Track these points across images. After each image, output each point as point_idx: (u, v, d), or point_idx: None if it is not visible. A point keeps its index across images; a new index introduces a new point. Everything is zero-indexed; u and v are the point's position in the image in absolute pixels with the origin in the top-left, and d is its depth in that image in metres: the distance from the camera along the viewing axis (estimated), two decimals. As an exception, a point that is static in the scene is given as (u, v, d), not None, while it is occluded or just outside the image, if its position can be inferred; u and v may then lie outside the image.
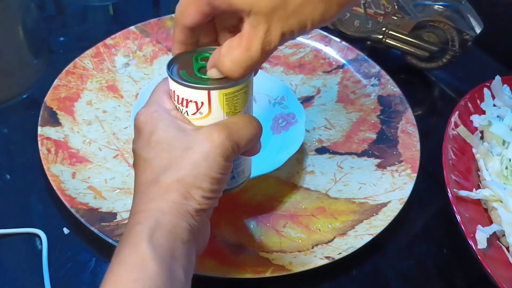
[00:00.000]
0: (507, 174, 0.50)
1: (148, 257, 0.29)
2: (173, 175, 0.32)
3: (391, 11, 0.63)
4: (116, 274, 0.29)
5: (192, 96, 0.34)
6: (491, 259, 0.43)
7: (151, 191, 0.32)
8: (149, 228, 0.30)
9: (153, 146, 0.33)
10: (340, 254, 0.44)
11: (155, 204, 0.31)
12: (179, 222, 0.31)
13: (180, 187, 0.32)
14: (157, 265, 0.29)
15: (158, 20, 0.66)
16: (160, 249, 0.30)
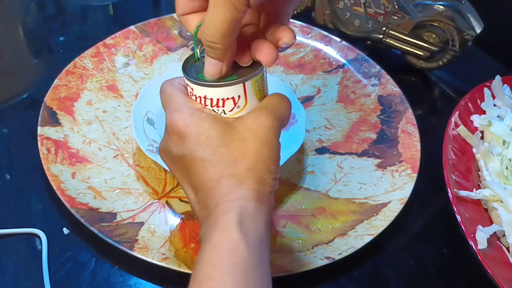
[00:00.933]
0: (507, 174, 0.50)
1: (241, 242, 0.31)
2: (243, 166, 0.34)
3: (391, 10, 0.63)
4: (213, 259, 0.31)
5: (228, 93, 0.35)
6: (491, 259, 0.43)
7: (226, 184, 0.34)
8: (237, 215, 0.32)
9: (207, 145, 0.34)
10: (340, 255, 0.44)
11: (236, 194, 0.33)
12: (261, 206, 0.34)
13: (253, 174, 0.34)
14: (249, 250, 0.31)
15: (158, 19, 0.66)
16: (250, 234, 0.32)
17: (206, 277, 0.30)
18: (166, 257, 0.43)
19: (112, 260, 0.45)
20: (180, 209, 0.48)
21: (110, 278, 0.44)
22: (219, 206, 0.33)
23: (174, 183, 0.50)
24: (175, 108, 0.36)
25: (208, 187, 0.34)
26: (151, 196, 0.49)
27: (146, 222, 0.46)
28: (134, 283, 0.44)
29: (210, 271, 0.30)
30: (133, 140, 0.53)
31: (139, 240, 0.44)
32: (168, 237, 0.45)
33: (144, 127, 0.52)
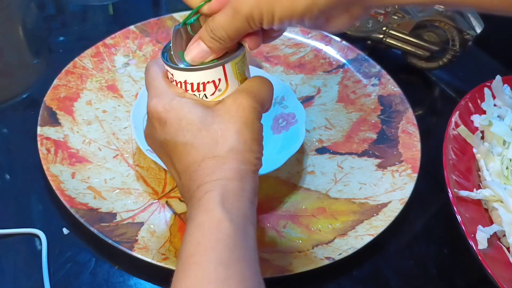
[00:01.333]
0: (507, 174, 0.50)
1: (224, 219, 0.31)
2: (224, 147, 0.34)
3: (392, 10, 0.63)
4: (197, 237, 0.31)
5: (208, 77, 0.35)
6: (491, 260, 0.43)
7: (207, 166, 0.34)
8: (219, 194, 0.32)
9: (188, 130, 0.34)
10: (340, 255, 0.44)
11: (218, 175, 0.33)
12: (244, 185, 0.34)
13: (235, 155, 0.34)
14: (233, 226, 0.31)
15: (158, 19, 0.66)
16: (233, 211, 0.32)
17: (189, 254, 0.30)
18: (166, 257, 0.43)
19: (112, 260, 0.45)
20: (180, 209, 0.48)
21: (110, 278, 0.44)
22: (201, 187, 0.33)
23: (174, 183, 0.50)
24: (156, 94, 0.36)
25: (190, 170, 0.34)
26: (151, 196, 0.49)
27: (146, 222, 0.46)
28: (134, 283, 0.44)
29: (194, 248, 0.31)
30: (133, 140, 0.53)
31: (139, 240, 0.44)
32: (168, 237, 0.45)
33: (144, 127, 0.52)
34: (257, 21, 0.33)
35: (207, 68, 0.35)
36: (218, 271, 0.29)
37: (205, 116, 0.35)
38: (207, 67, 0.35)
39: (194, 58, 0.36)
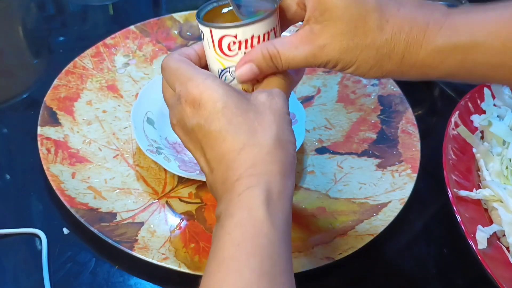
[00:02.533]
0: (507, 174, 0.50)
1: (267, 222, 0.29)
2: (265, 136, 0.32)
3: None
4: (237, 237, 0.29)
5: (271, 24, 0.35)
6: (491, 259, 0.43)
7: (248, 156, 0.31)
8: (264, 192, 0.30)
9: (223, 113, 0.32)
10: (340, 255, 0.44)
11: (261, 168, 0.31)
12: (287, 182, 0.32)
13: (278, 144, 0.32)
14: (276, 232, 0.29)
15: (158, 19, 0.66)
16: (276, 214, 0.30)
17: (229, 256, 0.28)
18: (166, 257, 0.43)
19: (112, 260, 0.45)
20: (180, 209, 0.48)
21: (110, 278, 0.44)
22: (242, 180, 0.31)
23: (174, 183, 0.50)
24: (188, 78, 0.34)
25: (227, 159, 0.32)
26: (151, 196, 0.49)
27: (146, 222, 0.46)
28: (134, 283, 0.44)
29: (234, 249, 0.28)
30: (133, 140, 0.53)
31: (139, 240, 0.44)
32: (168, 237, 0.45)
33: (144, 127, 0.52)
34: (322, 66, 0.35)
35: (271, 15, 0.35)
36: (261, 282, 0.27)
37: (240, 101, 0.33)
38: (271, 13, 0.35)
39: (242, 78, 0.36)
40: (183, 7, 0.71)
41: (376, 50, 0.33)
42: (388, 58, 0.33)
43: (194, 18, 0.67)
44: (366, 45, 0.33)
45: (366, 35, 0.33)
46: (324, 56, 0.34)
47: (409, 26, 0.32)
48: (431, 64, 0.33)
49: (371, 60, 0.34)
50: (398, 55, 0.33)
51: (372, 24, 0.32)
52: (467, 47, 0.31)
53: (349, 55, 0.34)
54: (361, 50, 0.33)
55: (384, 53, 0.33)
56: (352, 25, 0.33)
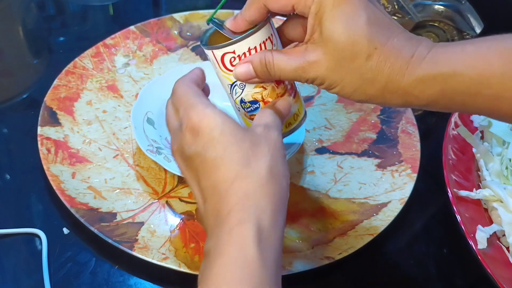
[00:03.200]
0: (507, 174, 0.50)
1: (257, 262, 0.29)
2: (257, 167, 0.32)
3: (391, 11, 0.63)
4: (226, 277, 0.29)
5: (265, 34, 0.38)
6: (491, 259, 0.43)
7: (240, 188, 0.32)
8: (254, 228, 0.30)
9: (219, 141, 0.33)
10: (340, 254, 0.44)
11: (252, 200, 0.31)
12: (278, 217, 0.32)
13: (270, 178, 0.32)
14: (267, 270, 0.29)
15: (158, 20, 0.66)
16: (267, 251, 0.30)
17: None
18: (166, 257, 0.43)
19: (112, 260, 0.45)
20: (180, 209, 0.48)
21: (110, 278, 0.44)
22: (233, 213, 0.31)
23: (174, 183, 0.50)
24: (191, 104, 0.35)
25: (220, 189, 0.32)
26: (151, 196, 0.49)
27: (146, 222, 0.46)
28: (134, 282, 0.44)
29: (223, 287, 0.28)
30: (133, 140, 0.53)
31: (139, 240, 0.44)
32: (168, 237, 0.45)
33: (144, 127, 0.52)
34: (310, 83, 0.37)
35: (263, 26, 0.37)
36: None
37: (237, 130, 0.34)
38: (261, 26, 0.37)
39: (238, 75, 0.38)
40: (183, 7, 0.71)
41: (360, 75, 0.34)
42: (371, 83, 0.35)
43: (194, 19, 0.67)
44: (352, 68, 0.34)
45: (353, 59, 0.34)
46: (312, 72, 0.36)
47: (395, 57, 0.34)
48: (413, 92, 0.34)
49: (355, 84, 0.35)
50: (381, 82, 0.34)
51: (360, 50, 0.34)
52: (446, 77, 0.33)
53: (335, 75, 0.35)
54: (347, 72, 0.35)
55: (367, 78, 0.34)
56: (342, 48, 0.34)
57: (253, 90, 0.39)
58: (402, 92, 0.34)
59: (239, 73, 0.38)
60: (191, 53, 0.64)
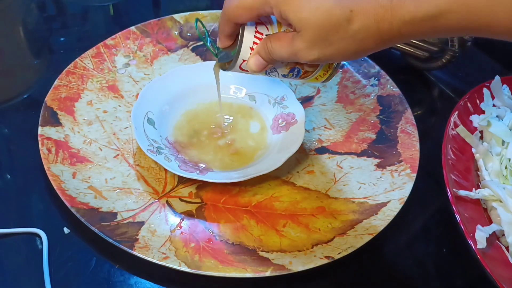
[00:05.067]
0: (506, 174, 0.50)
1: None
2: None
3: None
4: None
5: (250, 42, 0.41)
6: (490, 259, 0.43)
7: None
8: None
9: None
10: (340, 254, 0.44)
11: None
12: None
13: None
14: None
15: (158, 20, 0.66)
16: None
17: None
18: (166, 256, 0.43)
19: (113, 260, 0.45)
20: (180, 208, 0.48)
21: (111, 277, 0.44)
22: None
23: (174, 183, 0.50)
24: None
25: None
26: (151, 196, 0.49)
27: (147, 222, 0.46)
28: (135, 282, 0.44)
29: None
30: (133, 140, 0.54)
31: (139, 239, 0.44)
32: (168, 237, 0.45)
33: (144, 127, 0.52)
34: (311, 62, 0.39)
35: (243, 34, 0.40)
36: None
37: None
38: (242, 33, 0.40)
39: (253, 68, 0.41)
40: (183, 7, 0.71)
41: (352, 39, 0.35)
42: (367, 40, 0.35)
43: (194, 19, 0.67)
44: (340, 37, 0.35)
45: (337, 30, 0.35)
46: (306, 56, 0.37)
47: (374, 8, 0.34)
48: (407, 33, 0.35)
49: (351, 47, 0.36)
50: (375, 35, 0.35)
51: (338, 20, 0.35)
52: (432, 17, 0.34)
53: (328, 50, 0.36)
54: (338, 42, 0.36)
55: (360, 38, 0.35)
56: (320, 28, 0.35)
57: (282, 65, 0.41)
58: (398, 36, 0.35)
59: (253, 66, 0.40)
60: (191, 54, 0.64)
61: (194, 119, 0.56)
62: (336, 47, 0.36)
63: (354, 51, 0.36)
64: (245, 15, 0.39)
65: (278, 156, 0.50)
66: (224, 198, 0.49)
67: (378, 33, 0.35)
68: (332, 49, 0.36)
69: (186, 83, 0.57)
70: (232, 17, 0.39)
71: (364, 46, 0.36)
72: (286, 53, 0.38)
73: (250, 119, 0.57)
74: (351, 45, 0.36)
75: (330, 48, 0.36)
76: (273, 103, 0.57)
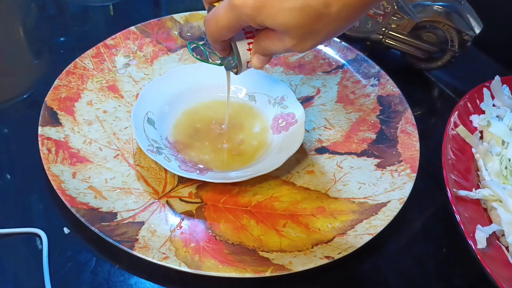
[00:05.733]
0: (506, 174, 0.50)
1: None
2: None
3: (391, 11, 0.64)
4: None
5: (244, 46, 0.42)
6: (490, 259, 0.43)
7: None
8: None
9: None
10: (340, 254, 0.44)
11: None
12: None
13: None
14: None
15: (158, 20, 0.66)
16: None
17: None
18: (167, 256, 0.43)
19: (113, 260, 0.45)
20: (180, 208, 0.48)
21: (111, 277, 0.44)
22: None
23: (174, 183, 0.50)
24: None
25: None
26: (151, 196, 0.49)
27: (147, 222, 0.46)
28: (135, 282, 0.44)
29: None
30: (133, 140, 0.54)
31: (139, 239, 0.44)
32: (168, 237, 0.45)
33: (144, 127, 0.52)
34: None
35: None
36: None
37: None
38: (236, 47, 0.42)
39: (256, 65, 0.42)
40: (183, 8, 0.71)
41: (336, 19, 0.35)
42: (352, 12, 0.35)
43: (194, 19, 0.67)
44: (326, 22, 0.35)
45: (319, 19, 0.35)
46: (299, 49, 0.38)
47: None
48: None
49: (340, 24, 0.36)
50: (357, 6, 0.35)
51: (315, 10, 0.35)
52: None
53: (318, 37, 0.37)
54: (326, 27, 0.36)
55: (345, 16, 0.35)
56: (302, 25, 0.35)
57: None
58: None
59: (258, 65, 0.42)
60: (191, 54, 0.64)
61: (195, 118, 0.56)
62: (325, 32, 0.36)
63: (345, 25, 0.37)
64: (227, 34, 0.39)
65: (278, 156, 0.50)
66: (224, 198, 0.49)
67: (359, 2, 0.35)
68: (323, 34, 0.36)
69: (186, 83, 0.57)
70: (218, 38, 0.40)
71: (352, 17, 0.36)
72: (280, 49, 0.39)
73: (250, 119, 0.57)
74: (339, 23, 0.36)
75: (321, 35, 0.36)
76: (273, 103, 0.57)
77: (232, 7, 0.36)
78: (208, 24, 0.40)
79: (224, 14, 0.38)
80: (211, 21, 0.39)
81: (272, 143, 0.54)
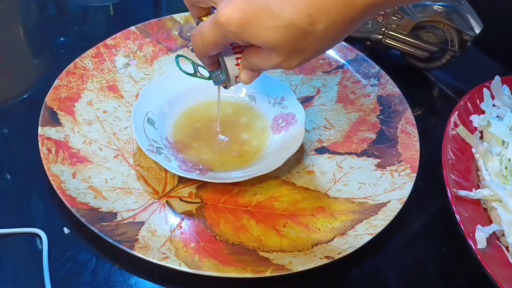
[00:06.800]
0: (506, 174, 0.50)
1: None
2: None
3: (391, 11, 0.64)
4: None
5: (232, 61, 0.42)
6: (490, 259, 0.43)
7: None
8: None
9: None
10: (340, 254, 0.44)
11: None
12: None
13: None
14: None
15: (158, 20, 0.66)
16: None
17: None
18: (166, 256, 0.43)
19: (113, 260, 0.45)
20: (180, 208, 0.48)
21: (111, 277, 0.44)
22: None
23: (174, 183, 0.50)
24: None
25: None
26: (151, 196, 0.49)
27: (147, 222, 0.46)
28: (135, 282, 0.44)
29: None
30: (133, 140, 0.54)
31: (139, 239, 0.44)
32: (168, 237, 0.45)
33: (144, 127, 0.52)
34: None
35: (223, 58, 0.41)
36: None
37: None
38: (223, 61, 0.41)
39: (247, 81, 0.42)
40: (183, 8, 0.70)
41: (324, 36, 0.35)
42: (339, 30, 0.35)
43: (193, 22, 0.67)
44: (314, 39, 0.35)
45: (305, 36, 0.35)
46: (287, 65, 0.37)
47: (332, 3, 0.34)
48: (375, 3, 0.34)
49: (329, 41, 0.36)
50: (346, 19, 0.34)
51: (301, 29, 0.34)
52: None
53: (307, 53, 0.36)
54: (314, 43, 0.35)
55: (333, 32, 0.35)
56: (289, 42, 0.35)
57: None
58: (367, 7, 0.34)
59: (246, 80, 0.41)
60: (191, 54, 0.64)
61: (194, 117, 0.56)
62: (312, 48, 0.36)
63: (333, 42, 0.36)
64: (214, 50, 0.39)
65: (278, 156, 0.50)
66: (224, 198, 0.49)
67: (347, 17, 0.34)
68: (310, 51, 0.36)
69: (186, 83, 0.57)
70: (204, 54, 0.40)
71: (339, 34, 0.36)
72: (268, 65, 0.38)
73: (250, 119, 0.57)
74: (327, 40, 0.35)
75: (308, 51, 0.36)
76: (273, 103, 0.57)
77: (217, 24, 0.36)
78: (194, 39, 0.39)
79: (209, 31, 0.37)
80: (197, 37, 0.39)
81: (272, 143, 0.54)
